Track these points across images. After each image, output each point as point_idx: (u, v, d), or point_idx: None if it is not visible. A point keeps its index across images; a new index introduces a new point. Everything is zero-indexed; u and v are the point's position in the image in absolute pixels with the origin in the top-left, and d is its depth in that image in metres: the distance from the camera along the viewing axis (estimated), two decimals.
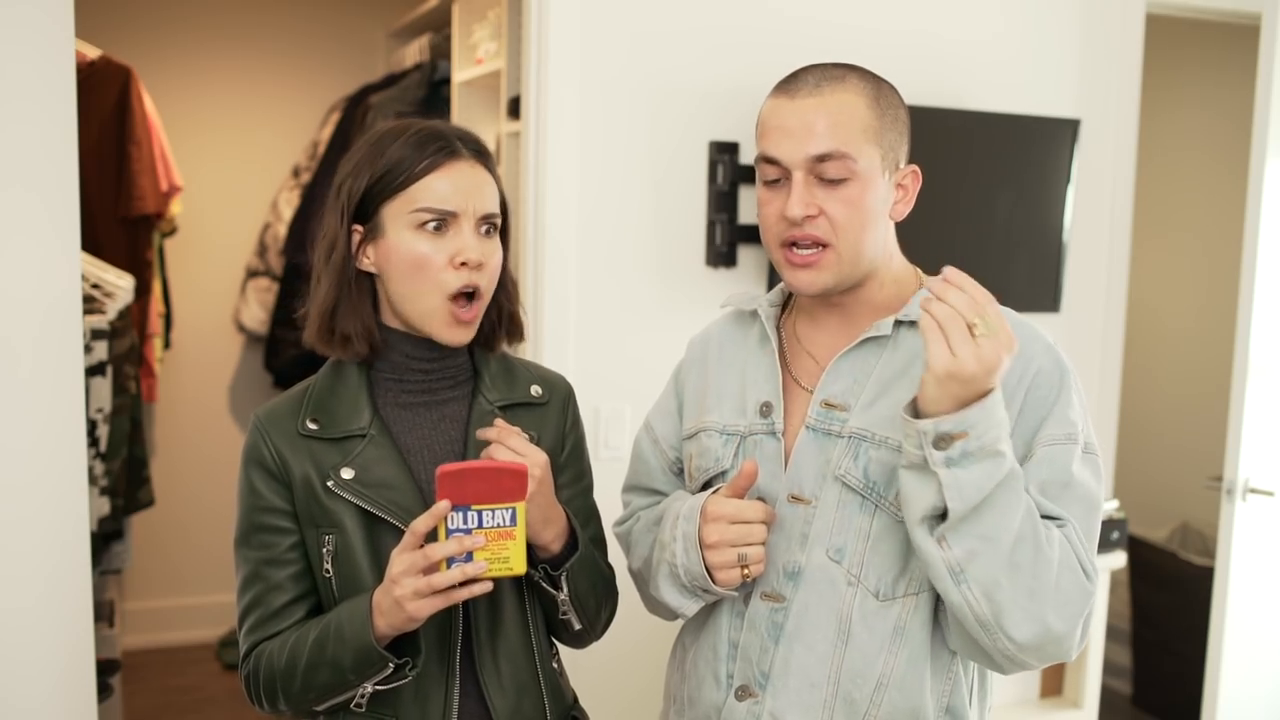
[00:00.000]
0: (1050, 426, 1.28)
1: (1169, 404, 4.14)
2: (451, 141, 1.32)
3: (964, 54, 2.78)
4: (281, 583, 1.33)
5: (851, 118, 1.28)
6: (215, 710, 3.76)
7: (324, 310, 1.33)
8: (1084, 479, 1.28)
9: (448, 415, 1.38)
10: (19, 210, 1.77)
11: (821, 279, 1.32)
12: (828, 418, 1.33)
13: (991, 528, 1.18)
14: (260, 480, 1.34)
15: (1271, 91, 2.48)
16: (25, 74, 1.76)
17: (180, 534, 4.22)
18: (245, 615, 1.35)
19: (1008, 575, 1.18)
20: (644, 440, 1.55)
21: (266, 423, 1.35)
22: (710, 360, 1.48)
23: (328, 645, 1.27)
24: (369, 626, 1.24)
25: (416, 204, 1.29)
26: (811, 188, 1.29)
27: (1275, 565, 2.66)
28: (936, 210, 2.71)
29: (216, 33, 4.22)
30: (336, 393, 1.36)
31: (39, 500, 1.82)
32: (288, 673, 1.30)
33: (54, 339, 1.83)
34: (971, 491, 1.16)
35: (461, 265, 1.30)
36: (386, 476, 1.32)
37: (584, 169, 2.45)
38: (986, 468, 1.16)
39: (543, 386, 1.45)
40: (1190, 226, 4.14)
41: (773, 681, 1.32)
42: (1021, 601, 1.19)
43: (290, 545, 1.33)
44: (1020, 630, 1.20)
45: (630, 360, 2.51)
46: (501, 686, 1.36)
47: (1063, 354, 1.33)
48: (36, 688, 1.83)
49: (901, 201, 1.35)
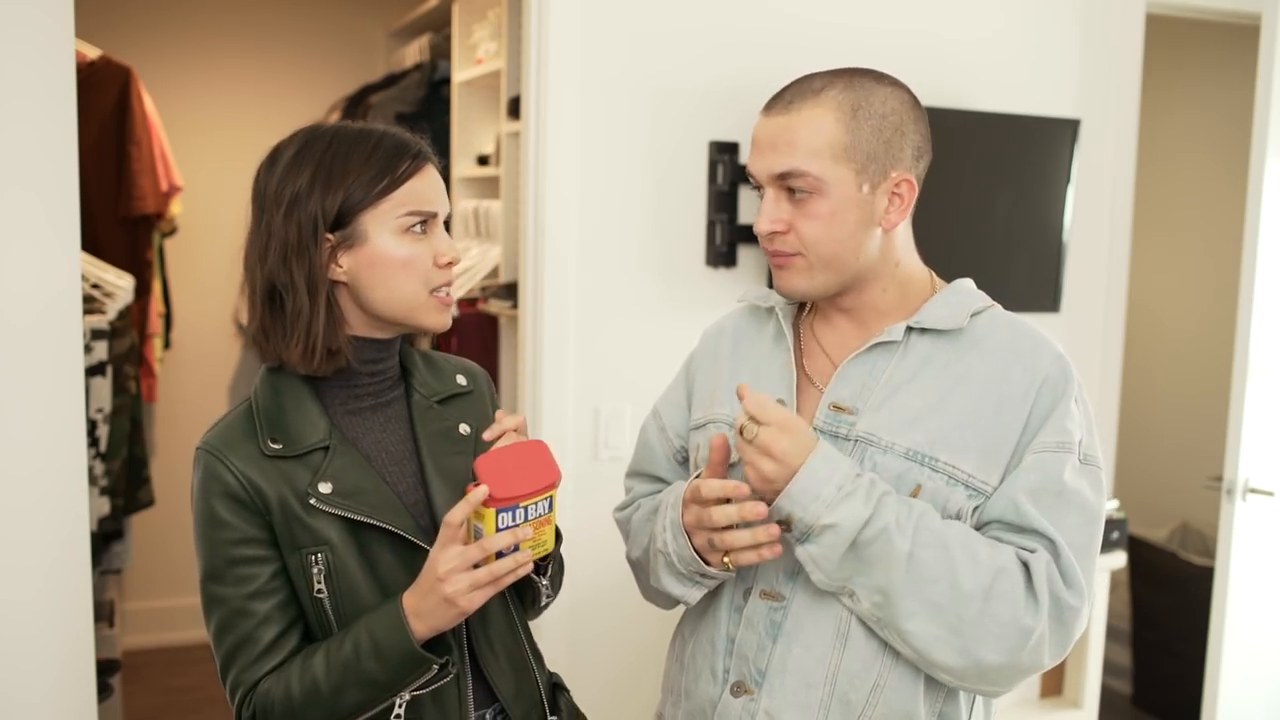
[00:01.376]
0: (1044, 435, 1.28)
1: (1169, 404, 4.14)
2: (419, 145, 1.34)
3: (964, 54, 2.78)
4: (269, 615, 1.28)
5: (815, 136, 1.29)
6: (215, 710, 3.76)
7: (308, 328, 1.30)
8: (1079, 489, 1.27)
9: (392, 416, 1.39)
10: (19, 210, 1.77)
11: (795, 282, 1.34)
12: (835, 421, 1.33)
13: (882, 581, 1.23)
14: (229, 511, 1.27)
15: (1271, 91, 2.48)
16: (25, 74, 1.76)
17: (180, 534, 4.20)
18: (232, 656, 1.28)
19: (925, 615, 1.23)
20: (651, 427, 1.57)
21: (224, 450, 1.28)
22: (723, 354, 1.49)
23: (359, 662, 1.24)
24: (408, 633, 1.23)
25: (405, 208, 1.30)
26: (782, 202, 1.32)
27: (1275, 565, 2.66)
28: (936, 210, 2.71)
29: (216, 33, 4.22)
30: (284, 407, 1.32)
31: (39, 500, 1.82)
32: (308, 702, 1.25)
33: (54, 339, 1.83)
34: (824, 563, 1.25)
35: (446, 264, 1.34)
36: (361, 483, 1.30)
37: (584, 169, 2.45)
38: (826, 539, 1.23)
39: (465, 375, 1.49)
40: (1190, 226, 4.14)
41: (769, 680, 1.32)
42: (946, 638, 1.23)
43: (272, 574, 1.28)
44: (952, 662, 1.24)
45: (630, 360, 2.51)
46: (500, 668, 1.38)
47: (1071, 365, 1.33)
48: (36, 687, 1.83)
49: (895, 210, 1.34)
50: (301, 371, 1.32)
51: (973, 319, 1.34)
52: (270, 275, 1.31)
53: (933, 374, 1.31)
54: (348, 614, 1.29)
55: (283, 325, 1.31)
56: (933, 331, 1.33)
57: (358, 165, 1.29)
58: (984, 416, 1.29)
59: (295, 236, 1.29)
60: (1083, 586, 1.26)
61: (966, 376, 1.31)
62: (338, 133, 1.33)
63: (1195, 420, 3.99)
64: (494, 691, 1.38)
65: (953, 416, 1.29)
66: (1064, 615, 1.24)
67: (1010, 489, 1.27)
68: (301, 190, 1.30)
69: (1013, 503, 1.26)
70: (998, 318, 1.36)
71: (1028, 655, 1.23)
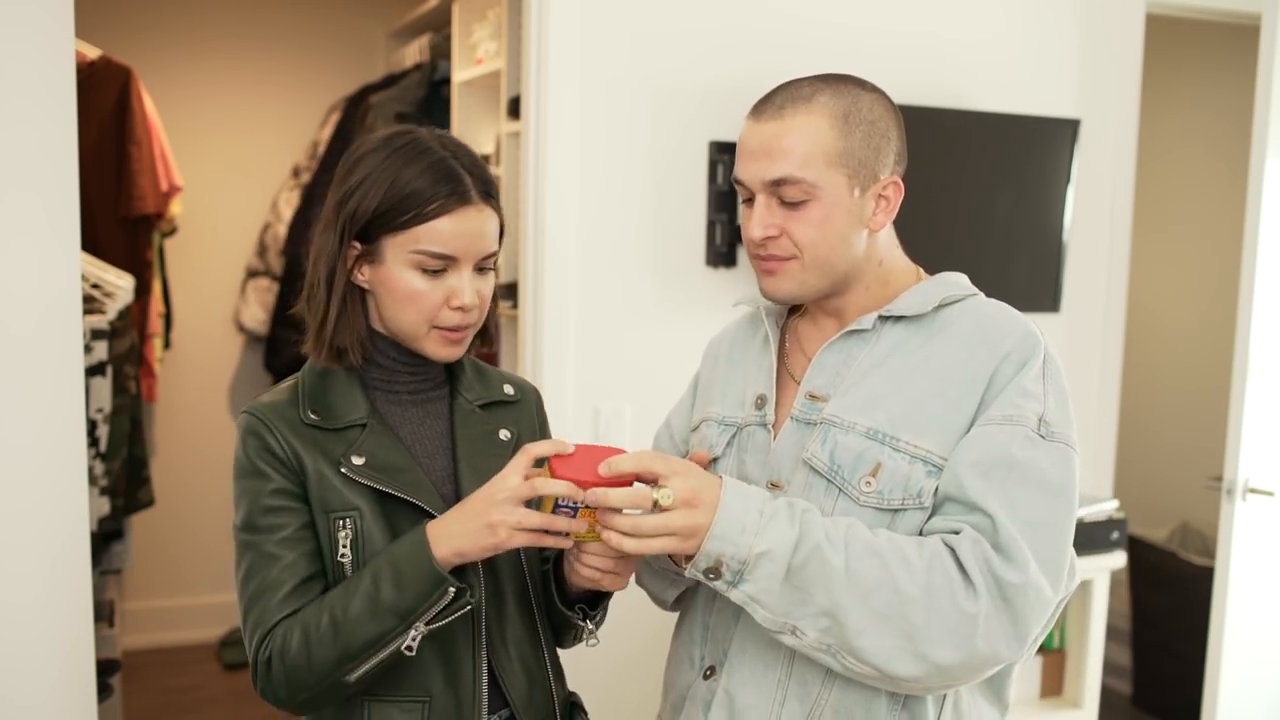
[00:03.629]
0: (994, 408, 1.25)
1: (1169, 404, 4.14)
2: (464, 185, 1.30)
3: (964, 54, 2.78)
4: (295, 562, 1.29)
5: (811, 142, 1.29)
6: (215, 710, 3.76)
7: (320, 323, 1.35)
8: (1033, 462, 1.23)
9: (432, 412, 1.41)
10: (19, 210, 1.77)
11: (785, 285, 1.34)
12: (809, 408, 1.35)
13: (824, 602, 1.18)
14: (270, 466, 1.32)
15: (1271, 91, 2.48)
16: (25, 74, 1.76)
17: (180, 534, 4.22)
18: (255, 599, 1.29)
19: (875, 629, 1.18)
20: (662, 435, 1.60)
21: (269, 414, 1.34)
22: (721, 358, 1.52)
23: (376, 591, 1.23)
24: (428, 552, 1.22)
25: (419, 245, 1.29)
26: (773, 209, 1.32)
27: (1275, 565, 2.66)
28: (937, 210, 2.72)
29: (216, 33, 4.22)
30: (329, 388, 1.37)
31: (39, 500, 1.82)
32: (323, 637, 1.23)
33: (54, 339, 1.83)
34: (764, 598, 1.19)
35: (457, 308, 1.32)
36: (394, 461, 1.33)
37: (584, 169, 2.45)
38: (762, 570, 1.18)
39: (514, 386, 1.50)
40: (1190, 226, 4.14)
41: (730, 659, 1.34)
42: (901, 645, 1.18)
43: (302, 525, 1.31)
44: (912, 671, 1.19)
45: (630, 360, 2.51)
46: (514, 672, 1.38)
47: (1040, 340, 1.30)
48: (36, 687, 1.83)
49: (881, 212, 1.35)
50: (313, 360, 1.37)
51: (946, 307, 1.34)
52: (314, 259, 1.36)
53: (900, 359, 1.32)
54: None
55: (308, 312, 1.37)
56: (905, 319, 1.34)
57: (400, 184, 1.29)
58: (945, 396, 1.27)
59: (334, 233, 1.33)
60: (1026, 560, 1.18)
61: (932, 358, 1.30)
62: (408, 143, 1.32)
63: (1195, 420, 3.99)
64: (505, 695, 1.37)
65: (915, 397, 1.28)
66: (1006, 593, 1.18)
67: (953, 462, 1.24)
68: (353, 188, 1.31)
69: (955, 477, 1.23)
70: (973, 305, 1.35)
71: (982, 643, 1.18)
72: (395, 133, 1.35)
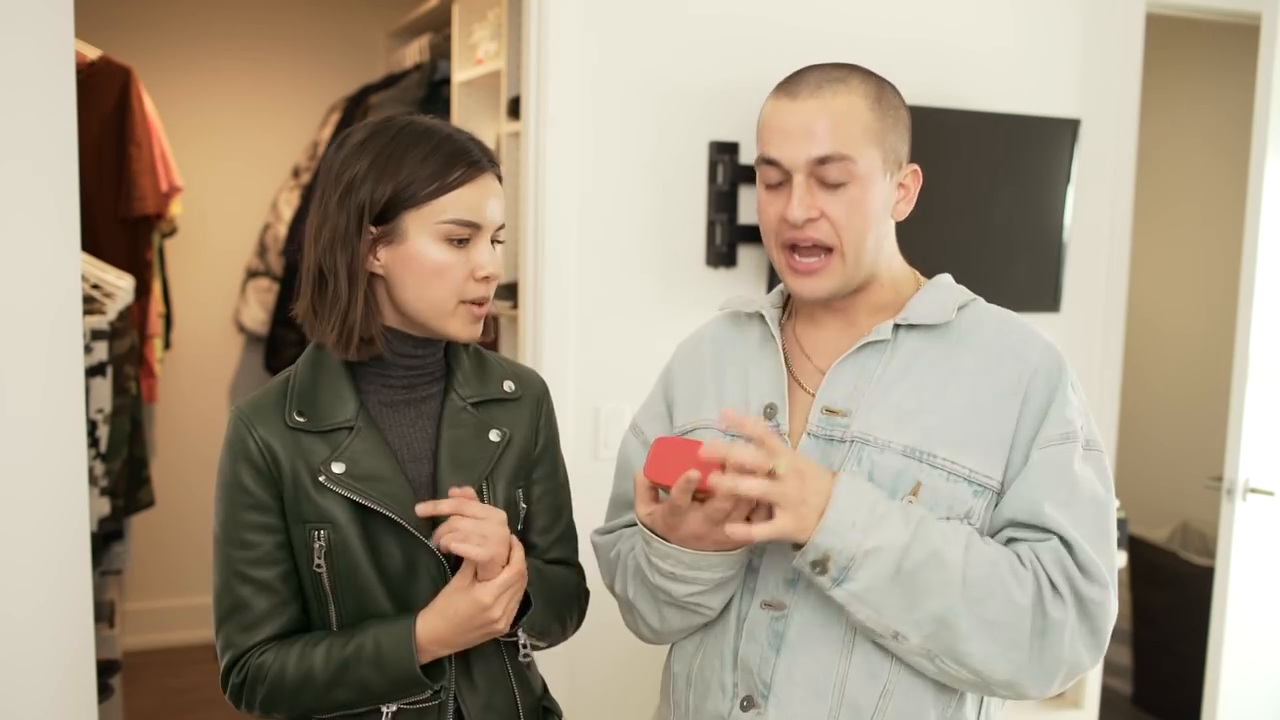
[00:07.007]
0: (1047, 428, 1.27)
1: (1169, 404, 4.14)
2: (476, 154, 1.32)
3: (964, 54, 2.78)
4: (268, 583, 1.32)
5: (853, 119, 1.28)
6: (215, 710, 3.76)
7: (345, 315, 1.32)
8: (1087, 478, 1.27)
9: (424, 413, 1.39)
10: (19, 210, 1.77)
11: (825, 285, 1.32)
12: (829, 424, 1.31)
13: (938, 607, 1.20)
14: (248, 476, 1.32)
15: (1271, 91, 2.48)
16: (25, 74, 1.76)
17: (180, 534, 4.22)
18: (226, 617, 1.34)
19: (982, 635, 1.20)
20: (632, 443, 1.51)
21: (251, 415, 1.33)
22: (706, 361, 1.46)
23: (357, 667, 1.28)
24: (413, 655, 1.27)
25: (446, 215, 1.29)
26: (812, 190, 1.29)
27: (1275, 565, 2.66)
28: (936, 210, 2.72)
29: (216, 33, 4.22)
30: (319, 384, 1.35)
31: (39, 500, 1.82)
32: (299, 687, 1.30)
33: (54, 339, 1.83)
34: (870, 596, 1.20)
35: (482, 279, 1.33)
36: (377, 469, 1.32)
37: (584, 169, 2.45)
38: (870, 569, 1.19)
39: (515, 382, 1.46)
40: (1190, 226, 4.14)
41: (775, 692, 1.29)
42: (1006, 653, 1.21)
43: (277, 545, 1.32)
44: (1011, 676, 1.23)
45: (630, 360, 2.51)
46: (472, 684, 1.38)
47: (1061, 353, 1.32)
48: (37, 688, 1.83)
49: (903, 201, 1.35)
50: (336, 357, 1.35)
51: (959, 313, 1.34)
52: (320, 257, 1.33)
53: (923, 370, 1.31)
54: (345, 591, 1.32)
55: (324, 308, 1.33)
56: (921, 327, 1.33)
57: (413, 162, 1.29)
58: (979, 409, 1.28)
59: (344, 223, 1.31)
60: (1104, 576, 1.24)
61: (958, 370, 1.30)
62: (405, 126, 1.33)
63: (1195, 420, 3.99)
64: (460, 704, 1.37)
65: (948, 411, 1.28)
66: (1088, 609, 1.23)
67: (1026, 490, 1.26)
68: (358, 177, 1.31)
69: (1028, 504, 1.25)
70: (983, 311, 1.36)
71: (1069, 652, 1.23)
72: (383, 120, 1.35)
